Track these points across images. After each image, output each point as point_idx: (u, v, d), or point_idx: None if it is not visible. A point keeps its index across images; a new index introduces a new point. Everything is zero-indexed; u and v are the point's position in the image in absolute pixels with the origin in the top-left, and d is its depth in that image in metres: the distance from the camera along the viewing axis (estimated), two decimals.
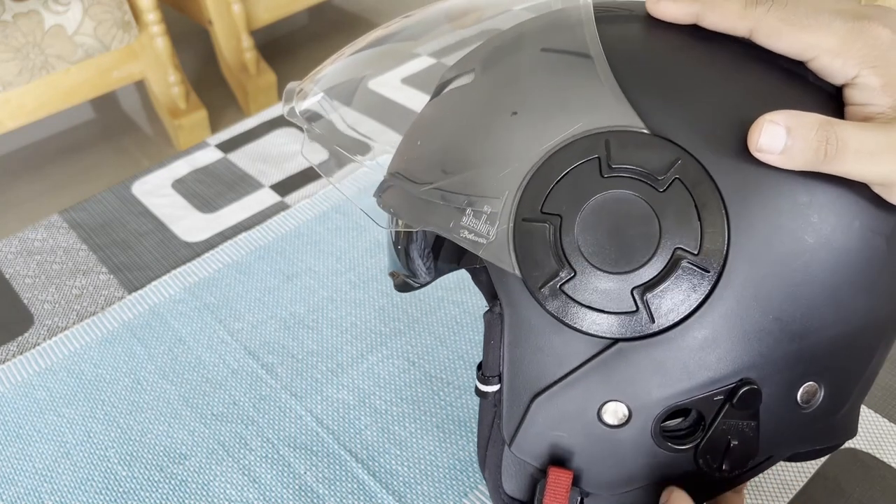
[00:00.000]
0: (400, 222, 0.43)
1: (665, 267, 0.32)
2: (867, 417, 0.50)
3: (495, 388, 0.38)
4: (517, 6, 0.41)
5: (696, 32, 0.35)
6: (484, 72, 0.37)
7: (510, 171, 0.34)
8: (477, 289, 0.60)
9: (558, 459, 0.36)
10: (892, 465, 0.47)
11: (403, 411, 0.53)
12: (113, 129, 2.01)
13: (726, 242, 0.32)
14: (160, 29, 1.74)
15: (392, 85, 0.84)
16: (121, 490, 0.50)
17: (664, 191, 0.32)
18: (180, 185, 0.75)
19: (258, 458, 0.51)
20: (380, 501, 0.48)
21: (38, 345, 0.61)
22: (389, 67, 0.44)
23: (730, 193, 0.32)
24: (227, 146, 0.79)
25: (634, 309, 0.32)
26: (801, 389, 0.34)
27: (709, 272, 0.32)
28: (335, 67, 0.43)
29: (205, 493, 0.50)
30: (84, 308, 0.64)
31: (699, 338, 0.32)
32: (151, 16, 1.71)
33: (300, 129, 0.42)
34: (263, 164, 0.76)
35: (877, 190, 0.33)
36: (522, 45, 0.37)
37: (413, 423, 0.52)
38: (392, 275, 0.47)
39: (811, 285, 0.33)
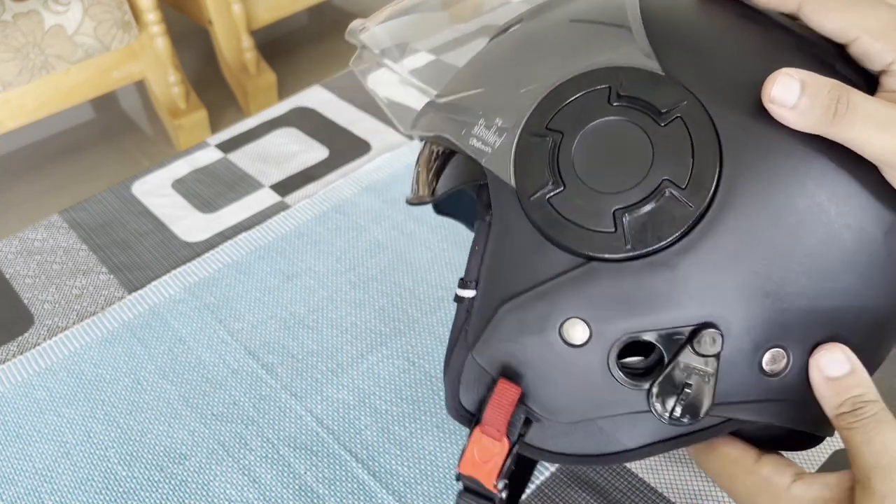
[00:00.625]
0: (421, 135, 0.45)
1: (650, 194, 0.33)
2: None
3: (472, 293, 0.38)
4: None
5: (741, 11, 0.36)
6: (530, 18, 0.40)
7: (526, 91, 0.36)
8: None
9: (513, 373, 0.36)
10: None
11: (403, 411, 0.53)
12: (113, 129, 2.01)
13: (715, 185, 0.33)
14: (160, 29, 1.74)
15: (390, 81, 0.84)
16: (121, 490, 0.50)
17: (664, 125, 0.33)
18: (180, 185, 0.75)
19: (258, 458, 0.51)
20: (380, 501, 0.48)
21: (38, 345, 0.61)
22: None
23: (729, 143, 0.33)
24: (227, 146, 0.79)
25: (612, 230, 0.33)
26: (766, 353, 0.34)
27: (691, 207, 0.33)
28: (398, 22, 0.46)
29: (205, 493, 0.50)
30: (84, 308, 0.64)
31: (670, 272, 0.33)
32: (151, 16, 1.71)
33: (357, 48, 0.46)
34: (263, 164, 0.76)
35: (883, 171, 0.33)
36: None
37: (413, 423, 0.52)
38: (408, 198, 0.48)
39: (794, 250, 0.33)
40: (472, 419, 0.38)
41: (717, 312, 0.33)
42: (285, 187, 0.73)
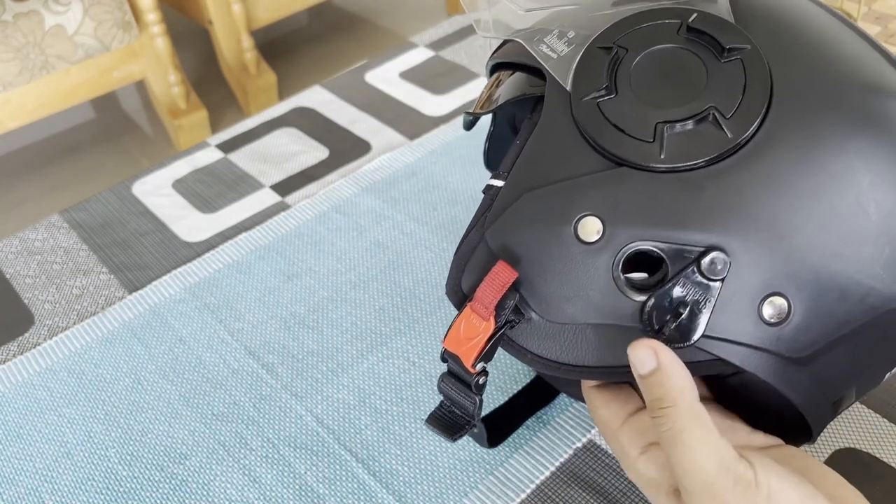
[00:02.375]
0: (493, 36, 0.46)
1: (694, 114, 0.35)
2: (867, 417, 0.50)
3: (501, 183, 0.39)
4: None
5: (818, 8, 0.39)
6: None
7: (604, 14, 0.39)
8: None
9: (517, 259, 0.37)
10: (893, 465, 0.47)
11: (403, 411, 0.53)
12: (113, 129, 2.01)
13: (758, 123, 0.34)
14: (160, 29, 1.74)
15: (389, 79, 0.85)
16: (121, 490, 0.50)
17: (724, 62, 0.35)
18: (180, 185, 0.75)
19: (258, 458, 0.51)
20: (380, 501, 0.48)
21: (39, 345, 0.61)
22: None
23: (780, 95, 0.35)
24: (227, 146, 0.79)
25: (651, 140, 0.35)
26: (768, 297, 0.34)
27: (730, 136, 0.34)
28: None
29: (205, 493, 0.50)
30: (84, 308, 0.64)
31: (694, 191, 0.34)
32: (151, 16, 1.71)
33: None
34: (263, 164, 0.76)
35: None
36: None
37: (413, 423, 0.52)
38: (466, 116, 0.49)
39: (819, 204, 0.34)
40: (463, 298, 0.39)
41: (730, 242, 0.34)
42: (285, 187, 0.73)
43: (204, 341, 0.59)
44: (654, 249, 0.34)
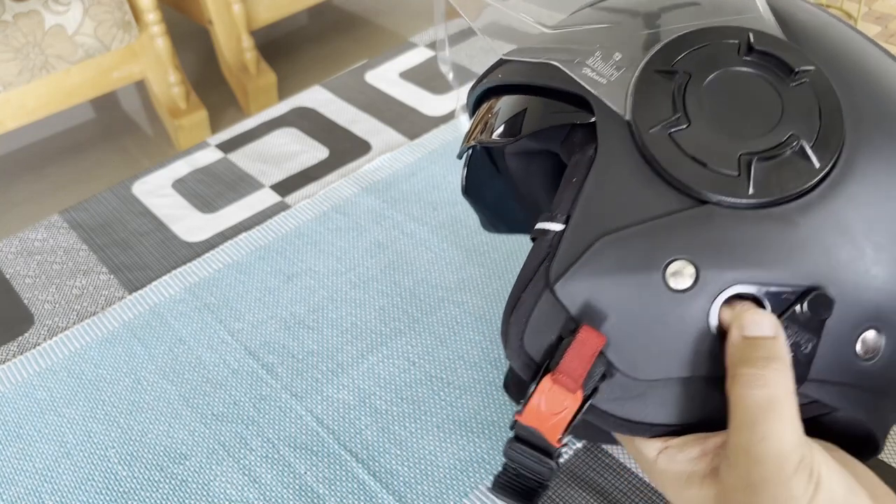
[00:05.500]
0: (527, 59, 0.41)
1: (779, 143, 0.32)
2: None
3: (560, 226, 0.35)
4: None
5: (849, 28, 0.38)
6: None
7: (652, 32, 0.36)
8: (477, 290, 0.60)
9: (598, 315, 0.33)
10: (893, 464, 0.47)
11: (404, 411, 0.53)
12: (113, 129, 2.01)
13: (839, 149, 0.33)
14: (160, 29, 1.74)
15: (389, 79, 0.85)
16: (121, 490, 0.50)
17: (794, 85, 0.34)
18: (180, 185, 0.75)
19: (258, 458, 0.51)
20: (380, 501, 0.48)
21: (39, 345, 0.61)
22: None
23: (850, 116, 0.33)
24: (227, 146, 0.79)
25: (736, 173, 0.32)
26: (863, 332, 0.33)
27: (817, 165, 0.32)
28: None
29: (205, 493, 0.50)
30: (84, 308, 0.64)
31: (787, 227, 0.32)
32: (151, 16, 1.71)
33: None
34: (263, 164, 0.76)
35: None
36: None
37: (413, 423, 0.52)
38: (463, 150, 0.45)
39: None
40: (535, 367, 0.35)
41: (828, 277, 0.32)
42: (285, 187, 0.73)
43: (204, 341, 0.59)
44: (753, 293, 0.32)
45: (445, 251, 0.64)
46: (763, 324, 0.32)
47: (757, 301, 0.33)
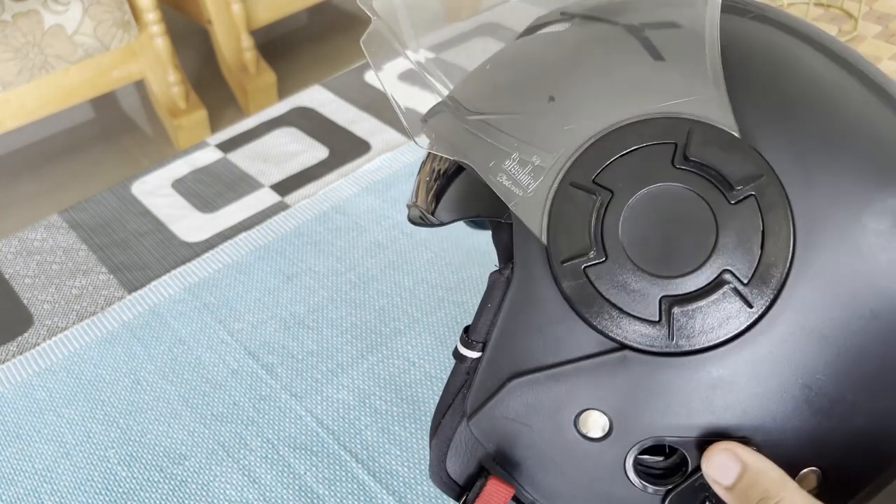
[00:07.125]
0: (437, 149, 0.38)
1: (706, 285, 0.29)
2: None
3: (476, 355, 0.34)
4: None
5: (837, 59, 0.32)
6: (582, 24, 0.35)
7: (575, 128, 0.31)
8: (477, 290, 0.59)
9: (510, 455, 0.32)
10: None
11: (403, 411, 0.53)
12: (113, 129, 2.01)
13: (782, 282, 0.28)
14: (160, 29, 1.74)
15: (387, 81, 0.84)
16: (121, 490, 0.50)
17: (735, 203, 0.29)
18: (180, 185, 0.75)
19: (258, 459, 0.51)
20: (380, 502, 0.48)
21: (38, 345, 0.61)
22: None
23: (804, 233, 0.29)
24: (226, 146, 0.79)
25: (657, 319, 0.29)
26: (799, 473, 0.30)
27: (752, 308, 0.28)
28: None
29: (205, 493, 0.50)
30: (84, 308, 0.64)
31: (714, 376, 0.29)
32: (151, 15, 1.71)
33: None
34: (263, 163, 0.76)
35: None
36: (631, 6, 0.34)
37: (413, 423, 0.52)
38: (409, 206, 0.43)
39: (856, 362, 0.29)
40: (457, 490, 0.35)
41: (757, 424, 0.29)
42: (285, 187, 0.73)
43: (203, 341, 0.59)
44: (671, 443, 0.30)
45: (445, 251, 0.64)
46: (726, 466, 0.30)
47: (672, 450, 0.31)
